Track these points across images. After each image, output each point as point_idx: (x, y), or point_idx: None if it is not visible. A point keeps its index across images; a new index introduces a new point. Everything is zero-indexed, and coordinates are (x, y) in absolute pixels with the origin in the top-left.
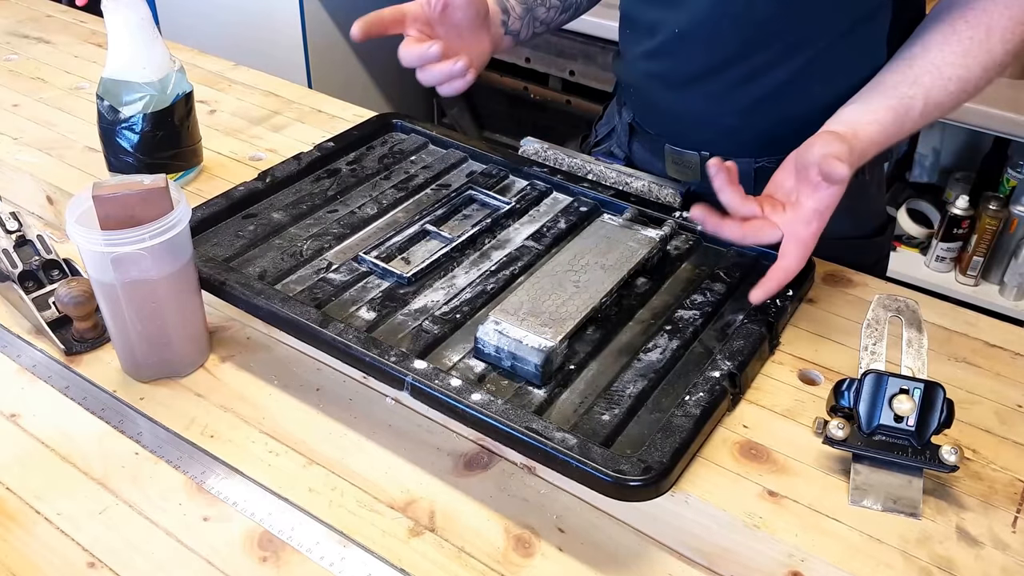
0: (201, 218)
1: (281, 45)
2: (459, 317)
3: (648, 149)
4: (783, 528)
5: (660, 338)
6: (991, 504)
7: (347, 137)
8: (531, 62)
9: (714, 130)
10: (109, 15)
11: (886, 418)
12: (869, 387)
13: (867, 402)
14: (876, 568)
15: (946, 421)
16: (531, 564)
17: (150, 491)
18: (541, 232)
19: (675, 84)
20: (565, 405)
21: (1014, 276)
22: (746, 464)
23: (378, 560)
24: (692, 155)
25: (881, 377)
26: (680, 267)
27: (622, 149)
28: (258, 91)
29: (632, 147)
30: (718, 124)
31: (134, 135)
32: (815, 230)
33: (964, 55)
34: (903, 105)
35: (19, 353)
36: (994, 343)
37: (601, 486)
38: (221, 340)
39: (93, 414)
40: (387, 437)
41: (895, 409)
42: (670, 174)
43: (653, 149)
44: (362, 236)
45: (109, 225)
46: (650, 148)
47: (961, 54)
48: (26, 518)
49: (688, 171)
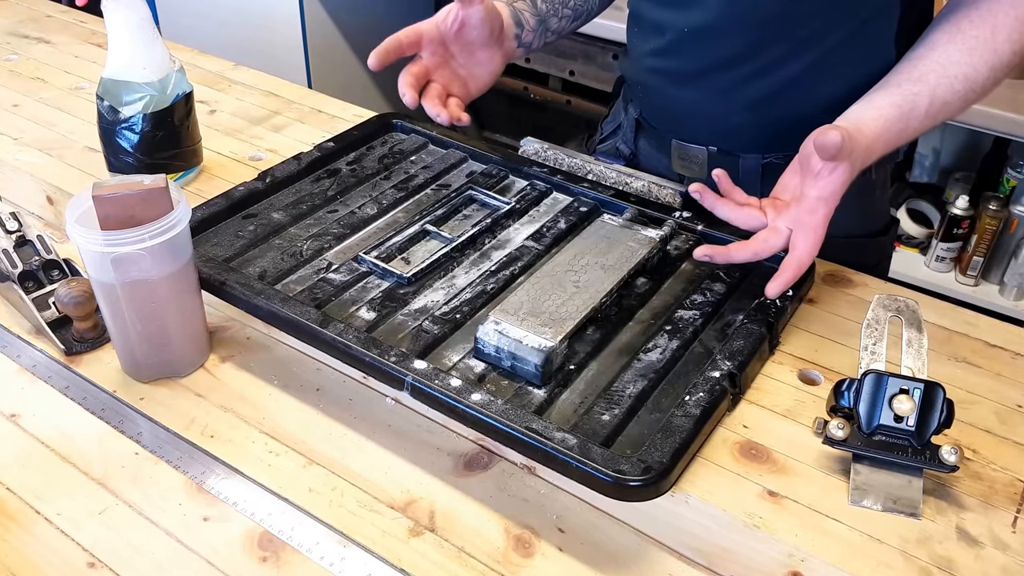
0: (201, 218)
1: (281, 45)
2: (459, 317)
3: (654, 145)
4: (783, 528)
5: (660, 338)
6: (991, 504)
7: (347, 137)
8: (531, 62)
9: (721, 126)
10: (109, 15)
11: (886, 418)
12: (869, 387)
13: (867, 402)
14: (876, 568)
15: (946, 421)
16: (531, 564)
17: (150, 491)
18: (541, 232)
19: (682, 81)
20: (565, 405)
21: (1014, 276)
22: (746, 464)
23: (378, 560)
24: (699, 150)
25: (881, 377)
26: (680, 267)
27: (628, 145)
28: (258, 91)
29: (638, 143)
30: (725, 120)
31: (134, 135)
32: (822, 217)
33: (970, 53)
34: (908, 102)
35: (19, 353)
36: (994, 343)
37: (601, 486)
38: (221, 340)
39: (93, 414)
40: (387, 437)
41: (895, 409)
42: (676, 170)
43: (659, 145)
44: (362, 236)
45: (109, 225)
46: (656, 144)
47: (967, 52)
48: (26, 518)
49: (695, 167)
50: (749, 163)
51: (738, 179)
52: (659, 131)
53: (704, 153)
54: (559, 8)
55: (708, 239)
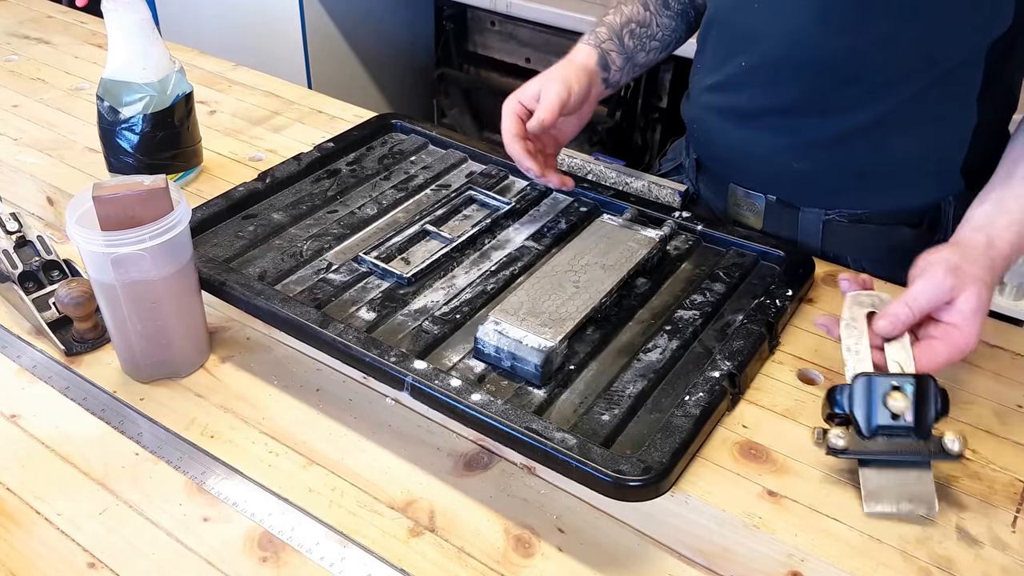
0: (201, 219)
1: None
2: (459, 317)
3: (712, 189)
4: (783, 528)
5: (660, 338)
6: (991, 504)
7: (347, 137)
8: (531, 62)
9: (779, 172)
10: (109, 16)
11: (883, 418)
12: (861, 390)
13: (862, 405)
14: (876, 568)
15: (943, 410)
16: (531, 564)
17: (150, 491)
18: (541, 232)
19: (739, 119)
20: (565, 405)
21: (1014, 276)
22: (746, 464)
23: (378, 560)
24: (757, 197)
25: (871, 379)
26: (680, 267)
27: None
28: (258, 91)
29: (699, 184)
30: (784, 166)
31: (134, 136)
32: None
33: None
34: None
35: (19, 354)
36: (994, 343)
37: (601, 486)
38: (221, 340)
39: (93, 414)
40: (387, 437)
41: (891, 407)
42: (733, 216)
43: (717, 188)
44: (362, 236)
45: (109, 226)
46: (714, 188)
47: None
48: (26, 518)
49: (751, 215)
50: (809, 218)
51: (797, 235)
52: (716, 174)
53: (762, 201)
54: (646, 43)
55: (708, 239)
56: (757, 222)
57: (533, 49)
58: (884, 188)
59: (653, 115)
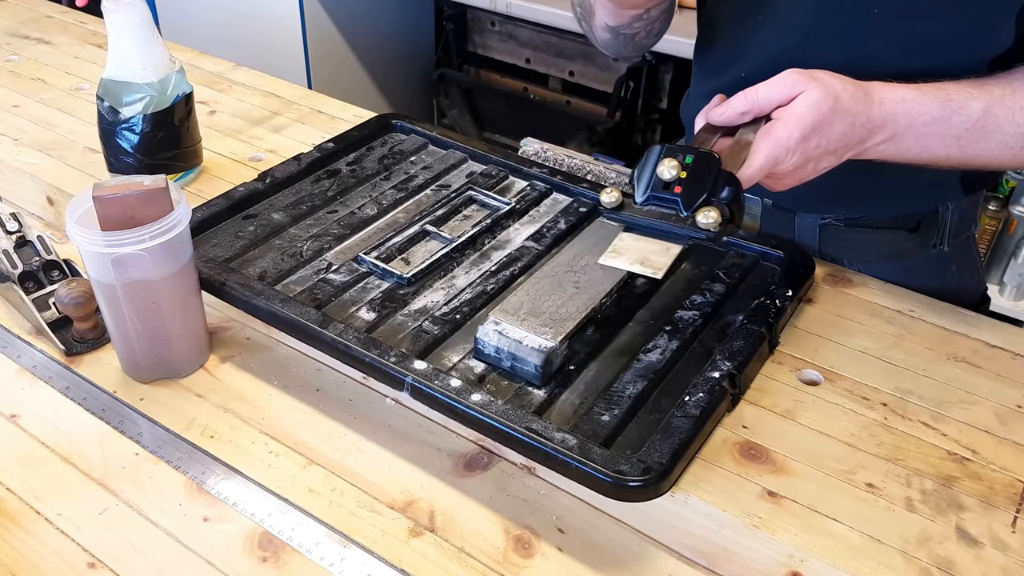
0: (201, 219)
1: (281, 45)
2: (459, 318)
3: None
4: (783, 528)
5: (660, 339)
6: (991, 504)
7: (347, 138)
8: (531, 62)
9: None
10: (109, 16)
11: (656, 188)
12: (648, 157)
13: (642, 173)
14: (876, 568)
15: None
16: (531, 564)
17: (150, 491)
18: (541, 232)
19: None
20: (565, 405)
21: (1014, 276)
22: (746, 464)
23: (378, 560)
24: (753, 201)
25: (660, 148)
26: (680, 267)
27: None
28: (258, 92)
29: None
30: None
31: (134, 136)
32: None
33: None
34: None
35: (19, 354)
36: (994, 343)
37: (601, 486)
38: (221, 340)
39: (93, 414)
40: (387, 437)
41: (659, 174)
42: None
43: None
44: (362, 236)
45: (109, 226)
46: None
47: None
48: (26, 518)
49: (748, 218)
50: (806, 222)
51: (793, 236)
52: None
53: (758, 206)
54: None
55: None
56: (754, 225)
57: (533, 49)
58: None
59: (653, 116)
